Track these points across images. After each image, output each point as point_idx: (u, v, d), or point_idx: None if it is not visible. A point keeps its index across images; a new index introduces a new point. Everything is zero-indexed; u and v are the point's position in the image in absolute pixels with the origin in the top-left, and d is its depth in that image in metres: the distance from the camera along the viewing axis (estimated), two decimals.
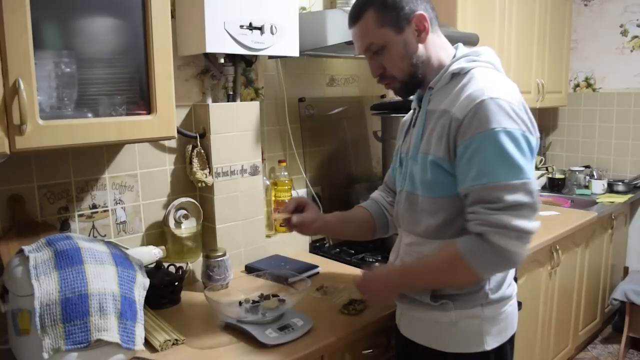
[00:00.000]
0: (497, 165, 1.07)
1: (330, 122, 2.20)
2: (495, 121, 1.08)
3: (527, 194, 1.07)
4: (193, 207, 1.70)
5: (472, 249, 1.11)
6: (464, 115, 1.10)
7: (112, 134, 1.23)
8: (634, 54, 3.29)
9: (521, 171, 1.08)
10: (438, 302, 1.20)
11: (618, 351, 2.96)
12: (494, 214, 1.07)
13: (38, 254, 1.14)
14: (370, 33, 1.21)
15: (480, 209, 1.09)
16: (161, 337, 1.28)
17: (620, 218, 3.16)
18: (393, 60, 1.22)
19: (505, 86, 1.15)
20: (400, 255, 1.31)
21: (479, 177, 1.09)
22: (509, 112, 1.09)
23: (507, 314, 1.25)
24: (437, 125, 1.17)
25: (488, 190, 1.08)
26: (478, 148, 1.08)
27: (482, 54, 1.23)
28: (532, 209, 1.08)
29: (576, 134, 3.59)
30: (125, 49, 1.29)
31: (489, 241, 1.08)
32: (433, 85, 1.23)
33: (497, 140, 1.07)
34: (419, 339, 1.27)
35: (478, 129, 1.08)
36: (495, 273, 1.18)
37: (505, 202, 1.07)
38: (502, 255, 1.08)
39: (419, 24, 1.19)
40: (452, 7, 2.25)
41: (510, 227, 1.06)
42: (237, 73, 1.77)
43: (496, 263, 1.11)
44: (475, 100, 1.10)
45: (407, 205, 1.27)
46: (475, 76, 1.16)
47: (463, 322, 1.20)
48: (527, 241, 1.09)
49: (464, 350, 1.21)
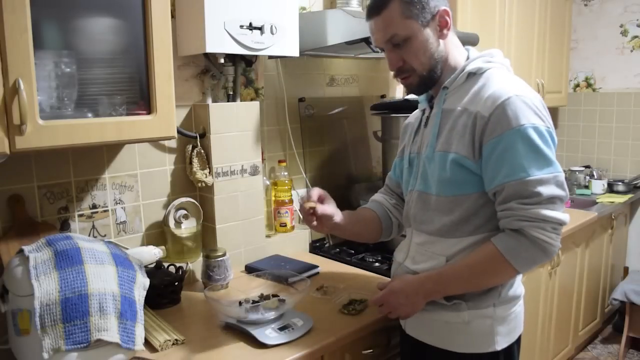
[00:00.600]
0: (531, 160, 1.10)
1: (330, 122, 2.20)
2: (523, 117, 1.10)
3: (559, 187, 1.11)
4: (193, 207, 1.70)
5: (511, 246, 1.13)
6: (491, 113, 1.12)
7: (112, 134, 1.23)
8: (634, 54, 3.29)
9: (552, 165, 1.11)
10: (451, 302, 1.20)
11: (618, 351, 2.96)
12: (531, 208, 1.10)
13: (38, 254, 1.14)
14: (395, 24, 1.18)
15: (516, 205, 1.11)
16: (161, 337, 1.28)
17: (620, 218, 3.16)
18: (415, 53, 1.20)
19: (525, 85, 1.18)
20: (410, 255, 1.30)
21: (512, 173, 1.11)
22: (535, 108, 1.12)
23: (516, 314, 1.26)
24: (457, 124, 1.17)
25: (523, 185, 1.10)
26: (509, 145, 1.10)
27: (496, 55, 1.25)
28: (563, 200, 1.13)
29: (576, 134, 3.59)
30: (125, 49, 1.29)
31: (529, 235, 1.10)
32: (448, 85, 1.24)
33: (528, 136, 1.10)
34: (428, 339, 1.26)
35: (507, 125, 1.10)
36: (532, 267, 1.19)
37: (541, 195, 1.09)
38: (542, 248, 1.11)
39: (442, 19, 1.20)
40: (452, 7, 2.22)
41: (549, 219, 1.10)
42: (237, 73, 1.77)
43: (536, 256, 1.13)
44: (501, 97, 1.12)
45: (419, 205, 1.27)
46: (493, 76, 1.19)
47: (475, 322, 1.21)
48: (560, 232, 1.13)
49: (475, 351, 1.22)
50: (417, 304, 1.22)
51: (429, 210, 1.24)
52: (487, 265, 1.16)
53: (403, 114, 1.96)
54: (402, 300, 1.23)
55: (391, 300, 1.25)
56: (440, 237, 1.22)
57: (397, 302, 1.24)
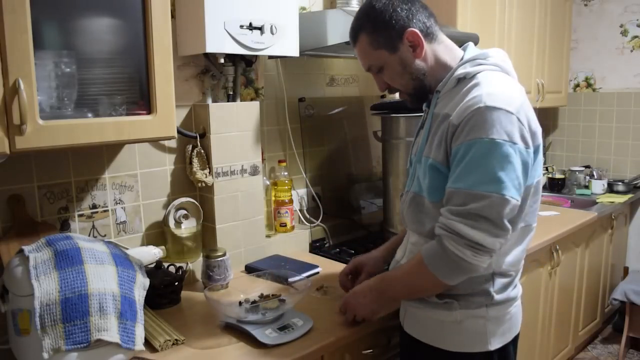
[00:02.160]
0: (473, 173, 1.07)
1: (330, 122, 2.20)
2: (484, 131, 1.07)
3: (492, 208, 1.06)
4: (193, 207, 1.70)
5: (430, 254, 1.14)
6: (460, 121, 1.11)
7: (112, 134, 1.23)
8: (634, 54, 3.29)
9: (496, 184, 1.06)
10: (443, 301, 1.21)
11: (618, 351, 2.96)
12: (451, 218, 1.09)
13: (38, 254, 1.14)
14: (367, 56, 1.24)
15: (445, 212, 1.12)
16: (161, 337, 1.28)
17: (620, 218, 3.16)
18: (393, 78, 1.25)
19: (509, 93, 1.12)
20: (406, 254, 1.31)
21: (455, 181, 1.10)
22: (503, 122, 1.07)
23: (511, 314, 1.26)
24: (439, 129, 1.17)
25: (457, 195, 1.09)
26: (464, 155, 1.09)
27: (491, 56, 1.22)
28: (493, 225, 1.07)
29: (576, 134, 3.59)
30: (125, 48, 1.29)
31: (443, 245, 1.10)
32: (440, 88, 1.23)
33: (481, 149, 1.07)
34: (423, 338, 1.27)
35: (468, 136, 1.09)
36: (454, 279, 1.15)
37: (466, 209, 1.07)
38: (455, 261, 1.10)
39: (412, 40, 1.19)
40: (452, 7, 2.25)
41: (464, 235, 1.07)
42: (237, 73, 1.77)
43: (450, 268, 1.12)
44: (472, 107, 1.09)
45: (412, 206, 1.28)
46: (479, 81, 1.15)
47: (468, 321, 1.21)
48: (482, 253, 1.08)
49: (468, 350, 1.22)
50: (374, 302, 1.30)
51: (421, 212, 1.24)
52: (415, 270, 1.19)
53: (403, 114, 1.96)
54: (361, 300, 1.31)
55: (351, 301, 1.34)
56: (430, 239, 1.22)
57: (356, 303, 1.33)
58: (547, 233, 2.30)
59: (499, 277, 1.21)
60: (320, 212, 2.14)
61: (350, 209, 2.28)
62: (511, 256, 1.22)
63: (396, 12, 1.18)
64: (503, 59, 1.24)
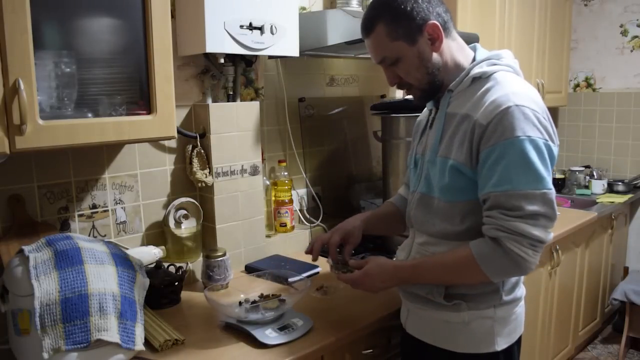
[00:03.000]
0: (520, 173, 1.08)
1: (330, 122, 2.20)
2: (520, 129, 1.07)
3: (546, 204, 1.08)
4: (193, 207, 1.70)
5: (485, 253, 1.12)
6: (489, 121, 1.10)
7: (112, 134, 1.23)
8: (634, 54, 3.29)
9: (542, 181, 1.08)
10: (451, 302, 1.20)
11: (618, 351, 2.96)
12: (511, 220, 1.08)
13: (38, 254, 1.14)
14: (383, 47, 1.20)
15: (498, 214, 1.10)
16: (161, 337, 1.28)
17: (620, 218, 3.16)
18: (408, 71, 1.21)
19: (530, 93, 1.14)
20: (412, 255, 1.31)
21: (500, 184, 1.09)
22: (534, 120, 1.09)
23: (517, 315, 1.26)
24: (459, 129, 1.16)
25: (508, 197, 1.08)
26: (501, 155, 1.08)
27: (504, 57, 1.22)
28: (549, 219, 1.09)
29: (576, 134, 3.59)
30: (125, 49, 1.29)
31: (504, 246, 1.09)
32: (453, 88, 1.22)
33: (521, 148, 1.07)
34: (428, 339, 1.26)
35: (502, 136, 1.08)
36: (505, 278, 1.18)
37: (523, 210, 1.07)
38: (515, 261, 1.09)
39: (432, 33, 1.17)
40: (452, 7, 2.25)
41: (527, 234, 1.07)
42: (237, 73, 1.77)
43: (508, 268, 1.12)
44: (501, 106, 1.09)
45: (420, 207, 1.27)
46: (498, 81, 1.15)
47: (475, 322, 1.20)
48: (540, 250, 1.10)
49: (475, 351, 1.21)
50: (389, 287, 1.28)
51: (430, 212, 1.24)
52: (461, 267, 1.16)
53: (403, 114, 1.96)
54: (378, 284, 1.26)
55: (366, 282, 1.27)
56: (441, 239, 1.22)
57: (371, 285, 1.26)
58: None
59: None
60: (320, 212, 2.14)
61: (350, 209, 2.28)
62: None
63: (417, 2, 1.16)
64: (514, 61, 1.24)
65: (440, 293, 1.21)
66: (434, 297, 1.22)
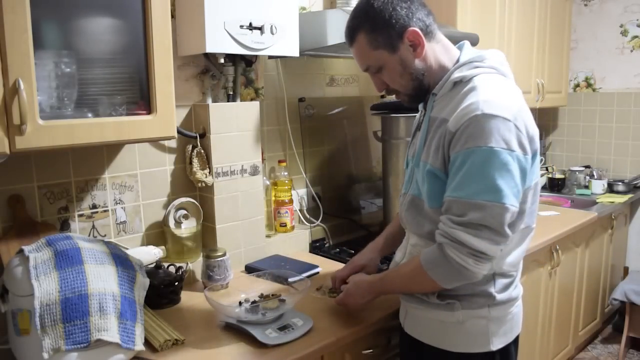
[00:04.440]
0: (473, 182, 1.07)
1: (330, 122, 2.20)
2: (482, 139, 1.06)
3: (493, 217, 1.06)
4: (193, 207, 1.70)
5: (430, 260, 1.14)
6: (457, 128, 1.10)
7: (112, 134, 1.23)
8: (634, 54, 3.29)
9: (496, 193, 1.06)
10: (445, 302, 1.21)
11: (618, 351, 2.96)
12: (454, 228, 1.09)
13: (38, 254, 1.14)
14: (366, 56, 1.21)
15: (446, 220, 1.11)
16: (161, 337, 1.28)
17: (620, 218, 3.16)
18: (392, 78, 1.22)
19: (506, 98, 1.11)
20: (406, 256, 1.31)
21: (454, 190, 1.10)
22: (501, 130, 1.06)
23: (513, 314, 1.26)
24: (436, 134, 1.17)
25: (457, 204, 1.09)
26: (462, 163, 1.08)
27: (487, 58, 1.20)
28: (495, 232, 1.07)
29: (576, 134, 3.59)
30: (125, 49, 1.29)
31: (445, 253, 1.10)
32: (436, 91, 1.22)
33: (480, 158, 1.06)
34: (424, 338, 1.27)
35: (466, 144, 1.08)
36: (454, 284, 1.16)
37: (468, 218, 1.07)
38: (456, 269, 1.10)
39: (413, 39, 1.17)
40: (452, 7, 2.25)
41: (467, 244, 1.07)
42: (237, 73, 1.77)
43: (451, 276, 1.13)
44: (469, 114, 1.08)
45: (411, 209, 1.27)
46: (475, 86, 1.14)
47: (470, 322, 1.21)
48: (484, 261, 1.09)
49: (470, 350, 1.22)
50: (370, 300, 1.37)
51: (420, 215, 1.24)
52: (413, 275, 1.20)
53: (403, 114, 1.96)
54: (359, 300, 1.36)
55: (349, 300, 1.38)
56: (430, 241, 1.22)
57: (354, 302, 1.38)
58: (547, 233, 2.30)
59: (500, 277, 1.22)
60: (320, 212, 2.14)
61: (350, 209, 2.28)
62: (512, 257, 1.22)
63: (396, 10, 1.15)
64: (500, 61, 1.23)
65: (433, 293, 1.21)
66: (428, 297, 1.23)
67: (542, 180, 3.30)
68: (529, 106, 1.18)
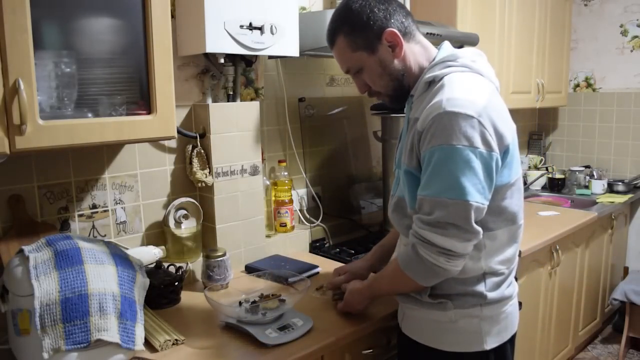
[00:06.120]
0: (437, 180, 1.08)
1: (330, 122, 2.20)
2: (444, 137, 1.07)
3: (459, 215, 1.07)
4: (193, 207, 1.70)
5: (406, 260, 1.16)
6: (423, 128, 1.11)
7: (112, 134, 1.23)
8: (634, 54, 3.29)
9: (460, 190, 1.06)
10: (437, 301, 1.21)
11: (618, 351, 2.97)
12: (422, 227, 1.10)
13: (38, 254, 1.14)
14: (346, 58, 1.23)
15: (416, 220, 1.12)
16: (161, 337, 1.28)
17: (620, 218, 3.16)
18: (373, 79, 1.24)
19: (472, 95, 1.10)
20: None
21: (423, 188, 1.11)
22: (463, 127, 1.06)
23: (507, 314, 1.26)
24: (410, 134, 1.18)
25: (426, 202, 1.10)
26: (429, 161, 1.10)
27: (460, 57, 1.20)
28: (462, 229, 1.08)
29: (576, 134, 3.59)
30: (125, 49, 1.29)
31: (418, 253, 1.12)
32: (413, 92, 1.24)
33: (442, 156, 1.07)
34: (420, 338, 1.27)
35: (430, 143, 1.09)
36: (433, 282, 1.17)
37: (434, 217, 1.08)
38: (430, 268, 1.12)
39: (391, 40, 1.18)
40: (452, 7, 2.26)
41: (435, 243, 1.09)
42: (237, 73, 1.77)
43: (427, 274, 1.14)
44: (432, 113, 1.09)
45: (397, 210, 1.28)
46: (444, 84, 1.14)
47: (462, 321, 1.21)
48: (455, 258, 1.10)
49: (464, 350, 1.22)
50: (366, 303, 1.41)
51: (405, 216, 1.24)
52: (395, 276, 1.22)
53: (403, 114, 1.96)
54: (356, 305, 1.40)
55: (347, 306, 1.42)
56: None
57: (352, 307, 1.41)
58: (547, 233, 2.30)
59: (490, 276, 1.21)
60: (320, 212, 2.14)
61: (350, 209, 2.28)
62: (502, 255, 1.22)
63: (374, 12, 1.17)
64: (473, 59, 1.22)
65: (425, 292, 1.22)
66: (420, 296, 1.23)
67: (542, 180, 3.32)
68: (529, 106, 1.19)
